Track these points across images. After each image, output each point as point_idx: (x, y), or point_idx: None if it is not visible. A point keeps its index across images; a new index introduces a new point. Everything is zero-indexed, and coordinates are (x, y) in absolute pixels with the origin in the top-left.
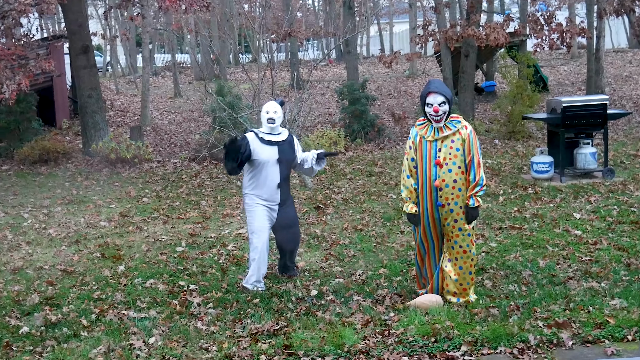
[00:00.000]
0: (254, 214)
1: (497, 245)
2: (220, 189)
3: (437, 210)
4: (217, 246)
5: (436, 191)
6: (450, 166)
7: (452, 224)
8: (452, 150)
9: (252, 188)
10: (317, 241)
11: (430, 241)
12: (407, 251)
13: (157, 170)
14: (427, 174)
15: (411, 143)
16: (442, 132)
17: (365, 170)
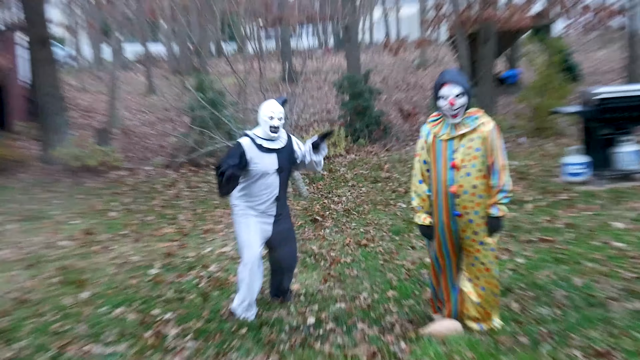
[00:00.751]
0: (245, 225)
1: (525, 261)
2: (200, 201)
3: (454, 221)
4: (197, 268)
5: (453, 198)
6: (469, 169)
7: (472, 237)
8: (471, 150)
9: (244, 197)
10: (315, 259)
11: (447, 257)
12: (419, 270)
13: (127, 179)
14: (442, 179)
15: (423, 143)
16: (458, 129)
17: (369, 175)
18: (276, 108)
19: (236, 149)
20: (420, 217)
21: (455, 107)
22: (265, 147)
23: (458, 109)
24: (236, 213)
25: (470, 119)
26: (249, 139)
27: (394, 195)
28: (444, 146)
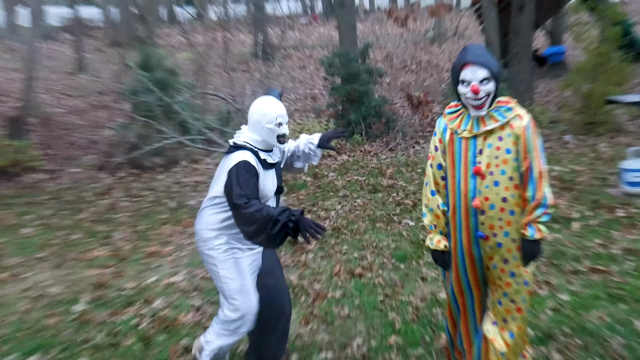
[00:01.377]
0: (235, 268)
1: (571, 298)
2: (143, 214)
3: (477, 245)
4: (137, 303)
5: (476, 215)
6: (497, 177)
7: (501, 266)
8: (500, 152)
9: (227, 229)
10: (293, 294)
11: (468, 293)
12: (431, 309)
13: (46, 184)
14: (462, 189)
15: (438, 142)
16: (484, 124)
17: (367, 183)
18: (282, 109)
19: (249, 172)
20: (433, 240)
21: (481, 95)
22: (268, 163)
23: (484, 97)
24: (218, 248)
25: (500, 111)
26: (250, 154)
27: (398, 209)
28: (464, 146)
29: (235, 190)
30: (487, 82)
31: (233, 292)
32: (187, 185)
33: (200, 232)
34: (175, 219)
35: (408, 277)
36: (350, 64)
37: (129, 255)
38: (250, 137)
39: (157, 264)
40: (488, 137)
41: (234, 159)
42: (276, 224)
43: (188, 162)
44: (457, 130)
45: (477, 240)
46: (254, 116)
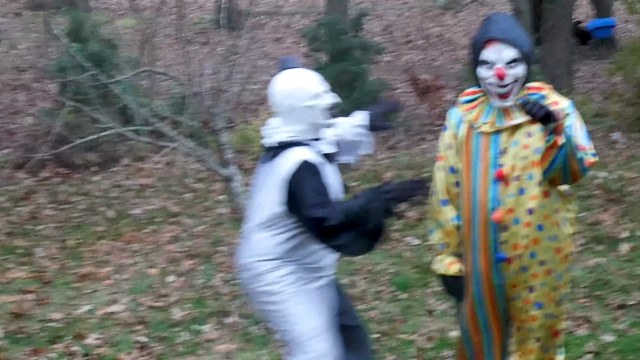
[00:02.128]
0: (307, 302)
1: (617, 338)
2: (73, 226)
3: (497, 270)
4: (66, 338)
5: (496, 232)
6: (525, 183)
7: (526, 297)
8: (529, 152)
9: (291, 256)
10: (264, 329)
11: (484, 332)
12: (440, 350)
13: None
14: (480, 199)
15: (450, 138)
16: (510, 117)
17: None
18: (313, 76)
19: (315, 173)
20: (443, 262)
21: (507, 81)
22: (329, 155)
23: (511, 84)
24: (281, 288)
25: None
26: (308, 150)
27: (400, 224)
28: (484, 144)
29: (306, 201)
30: (516, 65)
31: (308, 337)
32: (130, 190)
33: (252, 265)
34: (114, 233)
35: (411, 310)
36: (339, 37)
37: (55, 277)
38: (293, 130)
39: (91, 289)
40: (514, 133)
41: (287, 163)
42: (374, 215)
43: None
44: (475, 124)
45: (497, 263)
46: (286, 102)
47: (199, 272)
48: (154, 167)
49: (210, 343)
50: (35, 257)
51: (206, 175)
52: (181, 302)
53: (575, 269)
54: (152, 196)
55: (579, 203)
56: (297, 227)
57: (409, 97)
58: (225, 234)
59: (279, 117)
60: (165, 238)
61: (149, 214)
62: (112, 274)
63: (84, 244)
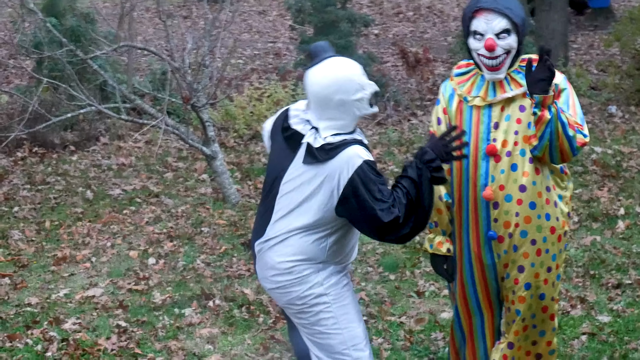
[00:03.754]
0: (348, 305)
1: (613, 319)
2: (50, 207)
3: (489, 249)
4: (43, 323)
5: (487, 209)
6: (516, 158)
7: (516, 276)
8: (521, 126)
9: (337, 252)
10: (248, 312)
11: (477, 313)
12: (430, 333)
13: None
14: (471, 175)
15: (441, 112)
16: (503, 90)
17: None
18: (356, 65)
19: (377, 173)
20: (433, 242)
21: (497, 52)
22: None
23: (502, 55)
24: (325, 290)
25: (523, 73)
26: (362, 147)
27: None
28: (476, 117)
29: (376, 207)
30: (507, 36)
31: (357, 341)
32: (109, 170)
33: (294, 268)
34: (92, 214)
35: (399, 291)
36: (325, 10)
37: (31, 260)
38: (337, 126)
39: (68, 273)
40: (507, 106)
41: (348, 166)
42: (428, 189)
43: (110, 138)
44: (467, 97)
45: (488, 242)
46: (336, 97)
47: (180, 254)
48: (133, 145)
49: (192, 327)
50: (11, 239)
51: (188, 153)
52: (162, 285)
53: (570, 248)
54: (132, 176)
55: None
56: (342, 227)
57: (399, 70)
58: (208, 214)
59: (319, 110)
60: (145, 219)
61: (128, 194)
62: (90, 257)
63: (62, 225)
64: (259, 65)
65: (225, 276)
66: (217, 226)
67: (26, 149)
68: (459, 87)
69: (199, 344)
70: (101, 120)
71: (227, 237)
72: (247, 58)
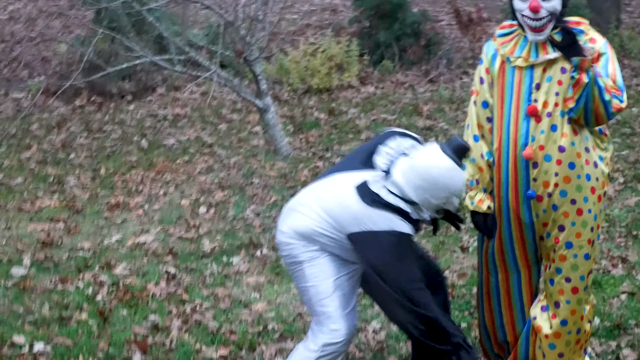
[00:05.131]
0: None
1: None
2: (106, 155)
3: (527, 208)
4: (95, 267)
5: (527, 168)
6: (556, 119)
7: (556, 235)
8: (562, 88)
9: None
10: None
11: (514, 270)
12: (471, 287)
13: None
14: (512, 135)
15: (484, 72)
16: (545, 51)
17: (397, 123)
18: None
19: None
20: (474, 199)
21: (541, 14)
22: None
23: (546, 17)
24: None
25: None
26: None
27: None
28: (518, 78)
29: (401, 278)
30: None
31: (322, 296)
32: (165, 120)
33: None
34: (147, 162)
35: (444, 246)
36: None
37: (85, 206)
38: (405, 193)
39: (121, 219)
40: (549, 68)
41: (379, 225)
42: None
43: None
44: (509, 58)
45: (527, 201)
46: (423, 185)
47: (230, 204)
48: (189, 97)
49: (239, 275)
50: (67, 185)
51: (242, 106)
52: (211, 233)
53: (614, 208)
54: (187, 126)
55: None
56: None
57: (452, 29)
58: (259, 166)
59: (407, 174)
60: (198, 169)
61: (182, 144)
62: (143, 204)
63: (116, 173)
64: (315, 21)
65: (273, 226)
66: (268, 177)
67: (84, 97)
68: (501, 47)
69: (245, 291)
70: (158, 72)
71: (277, 188)
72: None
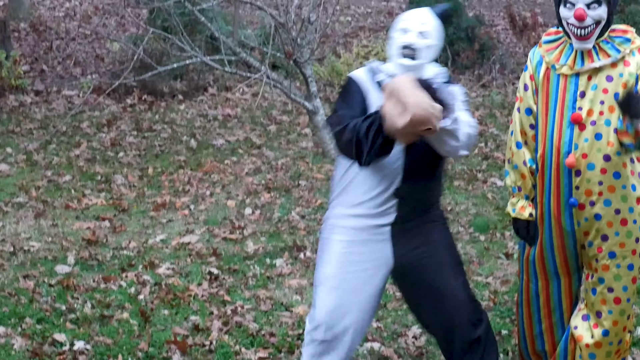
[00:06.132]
0: (327, 251)
1: None
2: (154, 154)
3: (569, 216)
4: (138, 267)
5: (569, 176)
6: (600, 127)
7: (598, 244)
8: (608, 96)
9: (343, 192)
10: None
11: (554, 277)
12: (514, 294)
13: (33, 109)
14: (555, 142)
15: (529, 79)
16: (591, 59)
17: None
18: (417, 16)
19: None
20: (516, 206)
21: (587, 22)
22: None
23: (591, 26)
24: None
25: (613, 43)
26: (362, 70)
27: (485, 164)
28: (563, 85)
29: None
30: (598, 6)
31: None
32: (215, 120)
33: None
34: (194, 162)
35: (488, 252)
36: None
37: (132, 205)
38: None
39: (167, 219)
40: (594, 76)
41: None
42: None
43: (218, 89)
44: (554, 65)
45: (569, 208)
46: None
47: (276, 206)
48: (240, 97)
49: (282, 277)
50: (114, 184)
51: (293, 107)
52: (256, 235)
53: None
54: (236, 127)
55: None
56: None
57: (507, 34)
58: (306, 168)
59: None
60: (245, 170)
61: (231, 145)
62: (189, 204)
63: (164, 172)
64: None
65: (318, 229)
66: (315, 180)
67: (135, 96)
68: (547, 54)
69: (287, 294)
70: (210, 72)
71: (324, 191)
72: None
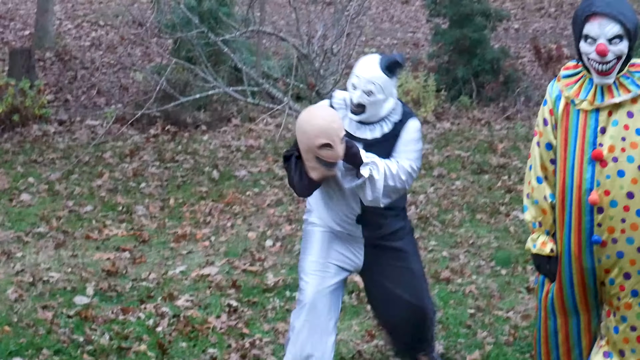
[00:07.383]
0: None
1: None
2: (176, 185)
3: (590, 253)
4: (157, 298)
5: (592, 214)
6: (623, 164)
7: (620, 282)
8: (629, 132)
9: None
10: (357, 299)
11: (573, 314)
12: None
13: (56, 139)
14: (576, 179)
15: (548, 113)
16: (611, 94)
17: (471, 160)
18: (367, 71)
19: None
20: (536, 242)
21: (609, 58)
22: (348, 133)
23: (612, 61)
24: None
25: (634, 78)
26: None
27: (508, 197)
28: (583, 121)
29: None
30: (619, 42)
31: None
32: (238, 151)
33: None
34: (216, 193)
35: (509, 286)
36: (461, 2)
37: (152, 236)
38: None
39: (187, 250)
40: (615, 111)
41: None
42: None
43: (241, 120)
44: (574, 100)
45: (590, 246)
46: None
47: (297, 238)
48: (264, 128)
49: None
50: (135, 214)
51: None
52: (276, 267)
53: None
54: (259, 158)
55: None
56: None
57: (533, 66)
58: None
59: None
60: (267, 201)
61: (253, 176)
62: (210, 236)
63: (185, 203)
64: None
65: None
66: None
67: (159, 126)
68: (566, 89)
69: None
70: (234, 102)
71: None
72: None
